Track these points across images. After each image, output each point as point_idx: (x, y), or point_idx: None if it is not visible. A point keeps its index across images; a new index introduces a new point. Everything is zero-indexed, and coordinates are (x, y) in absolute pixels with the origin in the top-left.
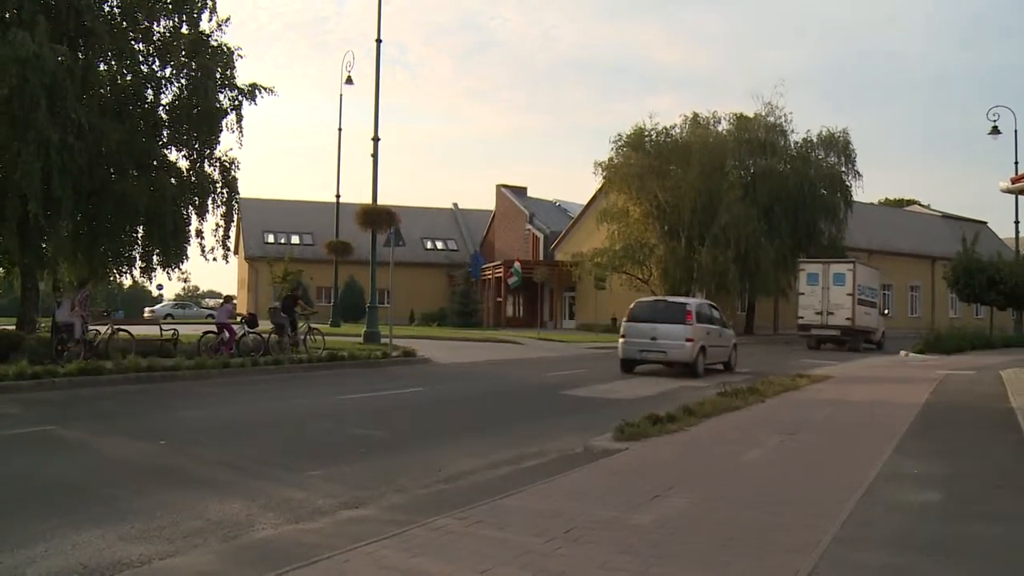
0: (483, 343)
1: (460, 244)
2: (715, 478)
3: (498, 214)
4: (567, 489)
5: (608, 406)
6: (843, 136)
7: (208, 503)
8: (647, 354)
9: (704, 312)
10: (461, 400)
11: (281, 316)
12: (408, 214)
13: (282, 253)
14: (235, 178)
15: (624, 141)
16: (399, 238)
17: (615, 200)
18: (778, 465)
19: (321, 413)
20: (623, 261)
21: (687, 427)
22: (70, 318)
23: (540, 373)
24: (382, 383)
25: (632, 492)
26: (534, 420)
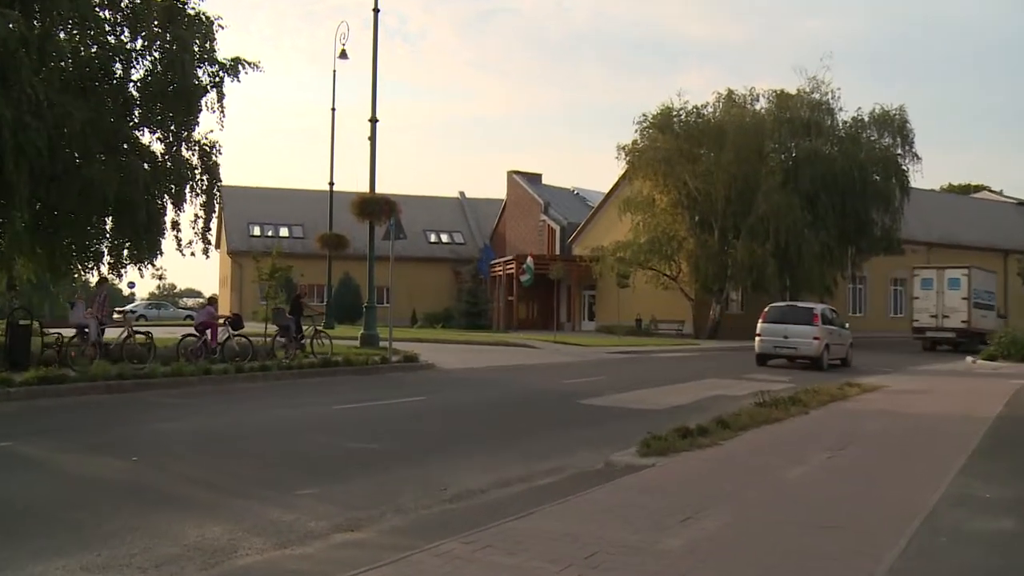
0: (493, 347)
1: (467, 237)
2: (753, 498)
3: (509, 203)
4: (586, 510)
5: (632, 417)
6: (899, 114)
7: (186, 526)
8: (780, 350)
9: (827, 315)
10: (468, 410)
11: (287, 318)
12: (409, 204)
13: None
14: (216, 163)
15: (650, 122)
16: (399, 230)
17: (640, 188)
18: (825, 485)
19: (313, 425)
20: (649, 255)
21: (721, 441)
22: (84, 319)
23: (556, 380)
24: (381, 391)
25: (659, 513)
26: (549, 432)
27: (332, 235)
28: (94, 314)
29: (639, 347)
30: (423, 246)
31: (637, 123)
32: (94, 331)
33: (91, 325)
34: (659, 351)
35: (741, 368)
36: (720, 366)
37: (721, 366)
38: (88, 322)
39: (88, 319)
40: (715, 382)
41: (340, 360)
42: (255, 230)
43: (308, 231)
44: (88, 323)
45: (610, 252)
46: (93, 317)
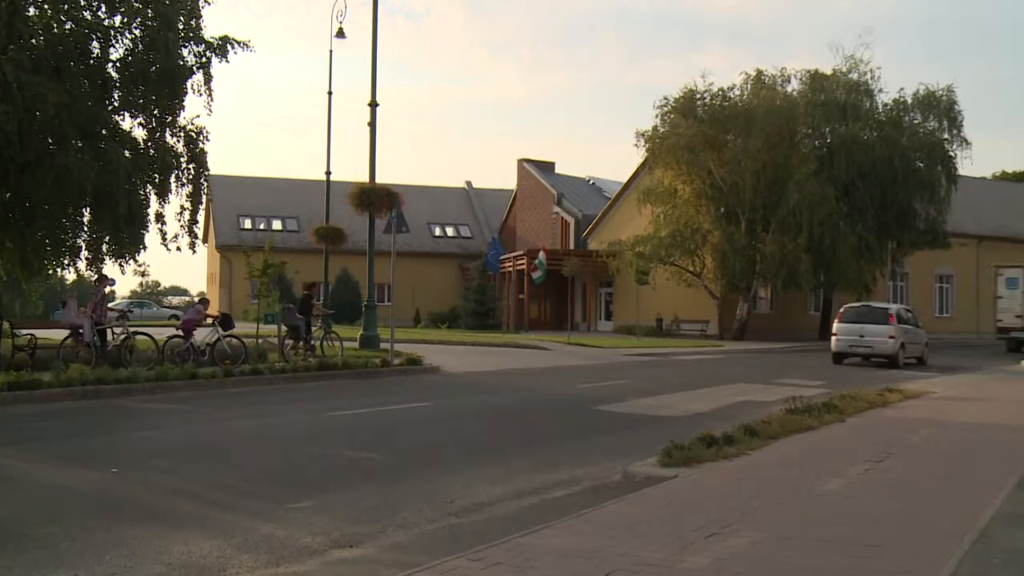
0: (502, 348)
1: (475, 230)
2: (784, 513)
3: (520, 194)
4: (604, 524)
5: (653, 424)
6: (946, 95)
7: (170, 543)
8: (856, 348)
9: (902, 315)
10: (476, 417)
11: (297, 318)
12: (412, 194)
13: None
14: (203, 151)
15: (671, 106)
16: (402, 223)
17: (661, 177)
18: (862, 499)
19: (308, 433)
20: (671, 250)
21: (749, 450)
22: (77, 320)
23: (571, 385)
24: (381, 397)
25: (683, 528)
26: (563, 441)
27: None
28: (88, 313)
29: (660, 349)
30: (427, 240)
31: (658, 107)
32: (88, 332)
33: (85, 325)
34: (681, 353)
35: (771, 372)
36: (748, 370)
37: (749, 370)
38: (82, 322)
39: (82, 319)
40: (742, 387)
41: (338, 363)
42: (246, 223)
43: (303, 224)
44: (82, 323)
45: (628, 246)
46: (87, 317)
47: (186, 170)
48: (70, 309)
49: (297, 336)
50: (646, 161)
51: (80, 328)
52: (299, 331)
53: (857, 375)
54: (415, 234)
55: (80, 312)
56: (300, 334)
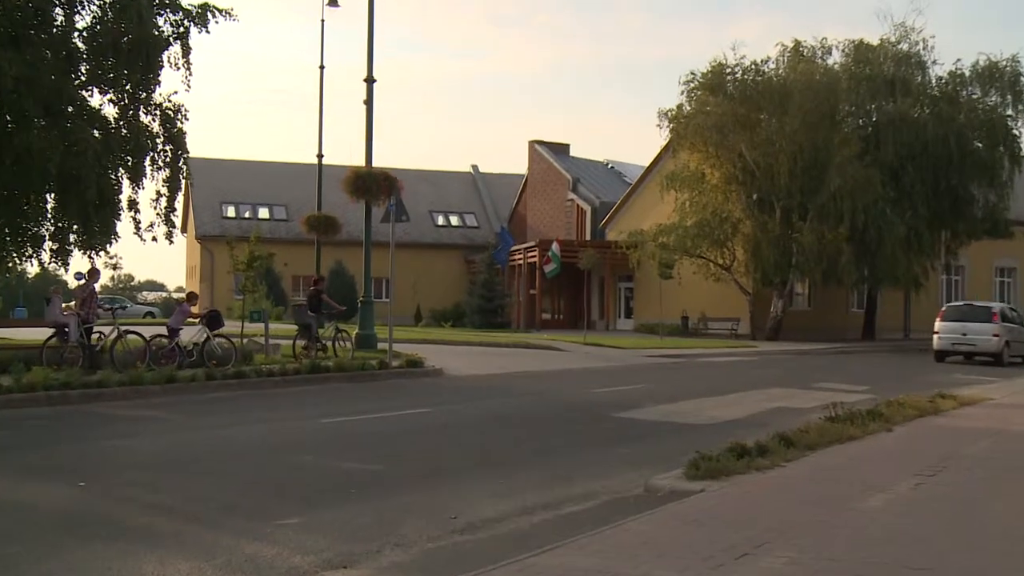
0: (512, 349)
1: (481, 219)
2: (823, 532)
3: (531, 179)
4: (622, 543)
5: (677, 433)
6: (1010, 66)
7: (144, 563)
8: (958, 347)
9: (1007, 313)
10: (482, 424)
11: (308, 315)
12: (413, 179)
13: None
14: (182, 131)
15: (699, 82)
16: (401, 211)
17: (686, 160)
18: (912, 517)
19: (297, 441)
20: (697, 241)
21: (784, 462)
22: (63, 318)
23: (586, 389)
24: (379, 402)
25: (711, 548)
26: (578, 450)
27: (321, 217)
28: (76, 311)
29: (685, 350)
30: (429, 230)
31: (684, 83)
32: (74, 331)
33: (71, 324)
34: (709, 355)
35: (808, 375)
36: (783, 373)
37: (784, 373)
38: (67, 320)
39: (68, 317)
40: (777, 392)
41: (331, 365)
42: (229, 211)
43: (292, 212)
44: (67, 321)
45: (651, 237)
46: (74, 314)
47: (162, 152)
48: (55, 306)
49: (308, 335)
50: (670, 143)
51: (66, 327)
52: (310, 329)
53: (906, 379)
54: (416, 223)
55: (65, 309)
56: (311, 332)
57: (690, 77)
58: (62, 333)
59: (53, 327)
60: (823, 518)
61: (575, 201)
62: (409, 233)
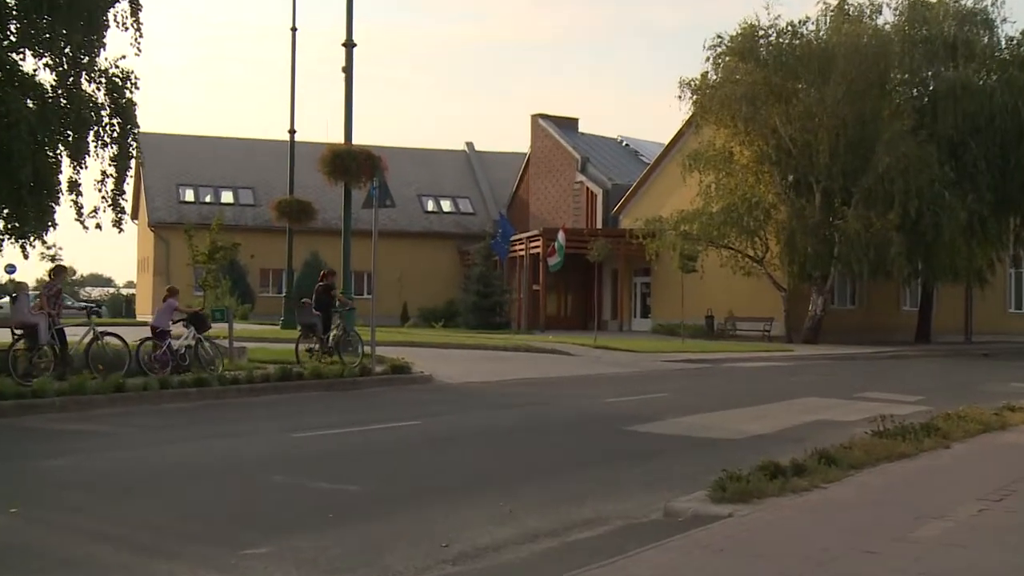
0: (511, 353)
1: (477, 204)
2: (870, 565)
3: (534, 159)
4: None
5: (700, 449)
6: None
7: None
8: None
9: None
10: (478, 438)
11: (313, 315)
12: (400, 159)
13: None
14: (131, 102)
15: (727, 46)
16: (385, 195)
17: (712, 137)
18: (975, 548)
19: (267, 458)
20: (724, 229)
21: (825, 483)
22: (32, 317)
23: (597, 399)
24: (360, 413)
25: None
26: (588, 469)
27: (293, 202)
28: (46, 310)
29: (711, 354)
30: (418, 217)
31: (709, 48)
32: (44, 332)
33: (40, 325)
34: (738, 359)
35: (852, 383)
36: (823, 380)
37: (824, 380)
38: (36, 320)
39: (37, 316)
40: (816, 402)
41: (304, 372)
42: (187, 194)
43: (260, 196)
44: (37, 321)
45: (671, 225)
46: (44, 314)
47: (109, 126)
48: (22, 304)
49: (313, 336)
50: (694, 117)
51: (35, 327)
52: (316, 329)
53: (967, 388)
54: (402, 209)
55: (33, 308)
56: (318, 333)
57: (717, 41)
58: (30, 335)
59: (20, 328)
60: (871, 548)
61: (584, 184)
62: (395, 220)
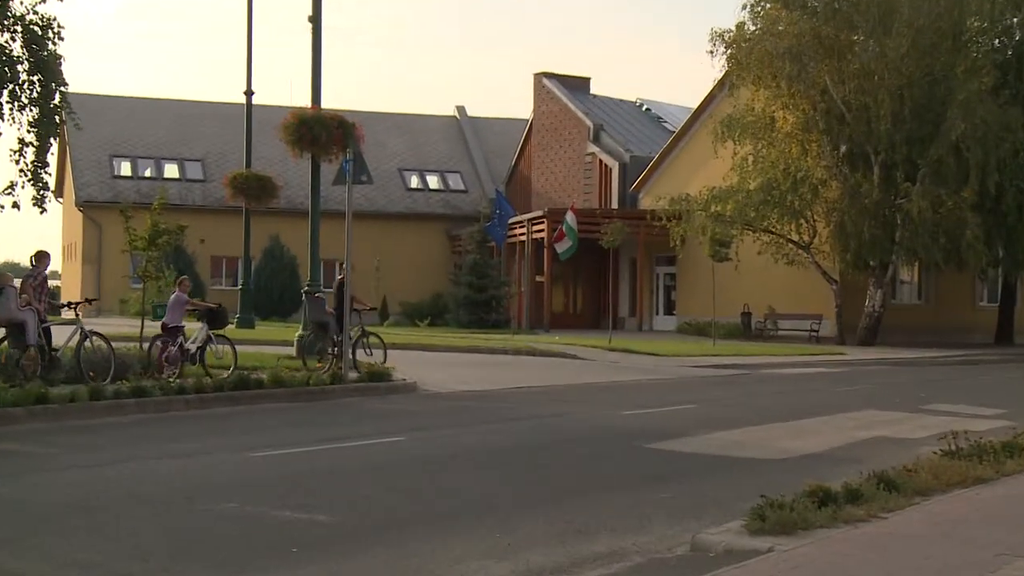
0: (511, 357)
1: (470, 180)
2: None
3: (537, 126)
4: None
5: (735, 471)
6: None
7: None
8: None
9: None
10: (471, 457)
11: (326, 313)
12: (378, 126)
13: (148, 196)
14: (55, 56)
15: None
16: (361, 170)
17: (750, 100)
18: None
19: (219, 482)
20: (764, 210)
21: (885, 512)
22: (20, 314)
23: (613, 411)
24: (331, 428)
25: None
26: (601, 494)
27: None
28: (32, 307)
29: (747, 358)
30: (399, 195)
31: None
32: (33, 331)
33: (28, 322)
34: (780, 364)
35: (917, 393)
36: (882, 389)
37: (884, 389)
38: (24, 317)
39: (25, 313)
40: (873, 416)
41: (264, 379)
42: (123, 168)
43: (212, 170)
44: (25, 318)
45: (701, 205)
46: (32, 309)
47: (28, 84)
48: (9, 299)
49: (326, 337)
50: (727, 76)
51: (22, 325)
52: (328, 329)
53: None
54: (381, 186)
55: (21, 302)
56: (330, 334)
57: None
58: (16, 334)
59: (5, 326)
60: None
61: (597, 156)
62: (372, 199)
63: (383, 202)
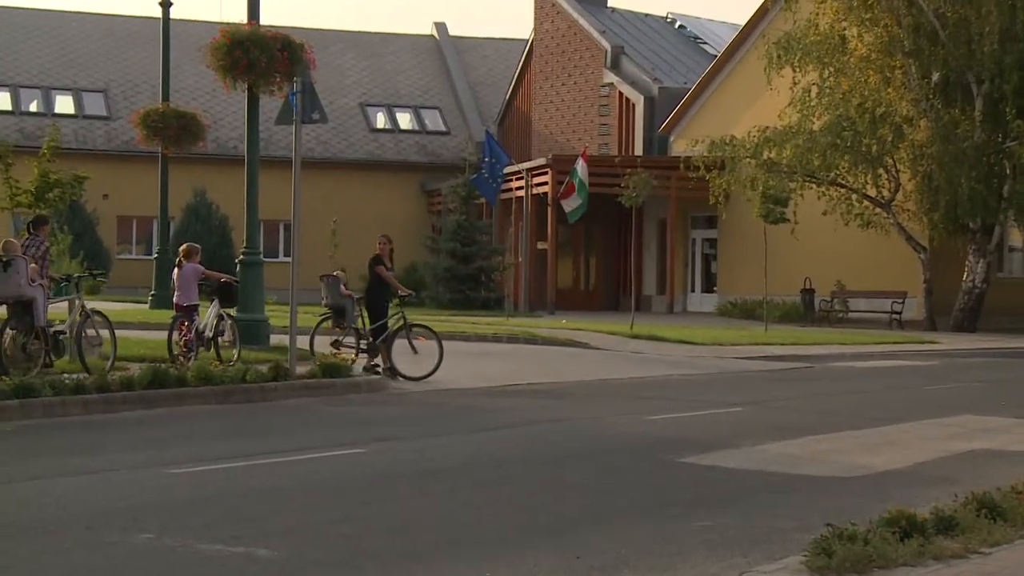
0: (506, 346)
1: (452, 118)
2: None
3: (539, 49)
4: None
5: (792, 493)
6: None
7: None
8: None
9: None
10: (453, 475)
11: (344, 294)
12: (335, 49)
13: (33, 137)
14: None
15: None
16: (313, 106)
17: (813, 15)
18: None
19: (129, 506)
20: (832, 156)
21: (988, 547)
22: (31, 290)
23: (636, 415)
24: (271, 437)
25: None
26: (620, 522)
27: (169, 114)
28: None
29: (809, 347)
30: (361, 138)
31: None
32: (42, 310)
33: (38, 299)
34: (852, 356)
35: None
36: (985, 389)
37: (988, 389)
38: (34, 294)
39: (35, 289)
40: (973, 423)
41: (187, 376)
42: (0, 99)
43: (117, 104)
44: (34, 295)
45: (750, 150)
46: (39, 286)
47: None
48: (19, 272)
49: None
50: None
51: (30, 303)
52: (346, 315)
53: None
54: (338, 125)
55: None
56: (347, 322)
57: None
58: (20, 313)
59: (17, 303)
60: None
61: (616, 87)
62: (327, 143)
63: (341, 146)
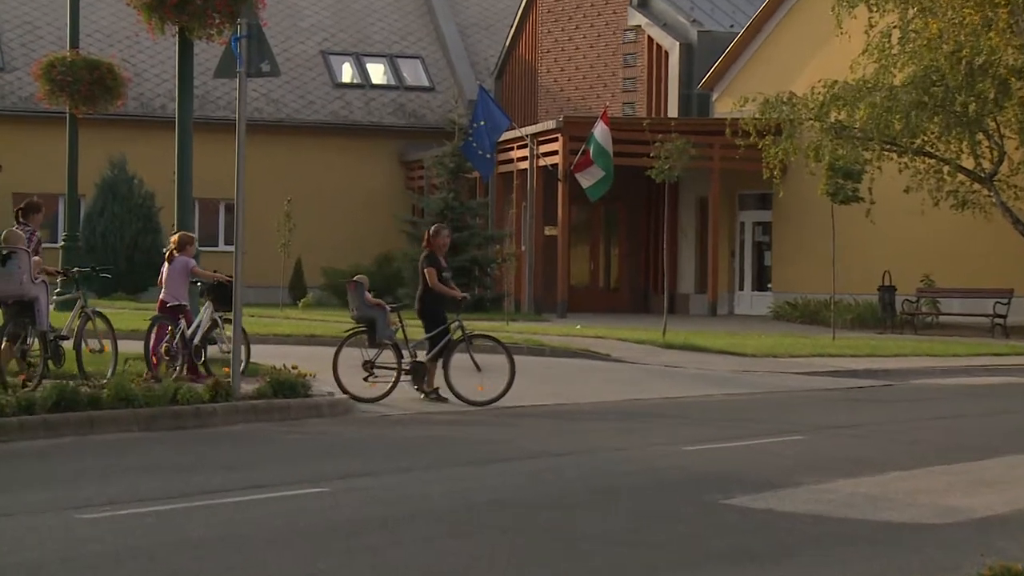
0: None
1: (437, 70)
2: None
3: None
4: None
5: (865, 542)
6: None
7: None
8: None
9: None
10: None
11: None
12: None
13: None
14: None
15: None
16: (262, 55)
17: None
18: None
19: (28, 561)
20: (919, 118)
21: None
22: (34, 289)
23: (668, 446)
24: (208, 472)
25: None
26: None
27: (80, 64)
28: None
29: (889, 360)
30: (323, 95)
31: None
32: (45, 312)
33: (41, 299)
34: (944, 371)
35: None
36: None
37: None
38: (37, 293)
39: (38, 288)
40: None
41: (105, 394)
42: None
43: (13, 53)
44: (37, 295)
45: (813, 111)
46: (42, 284)
47: None
48: (20, 268)
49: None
50: None
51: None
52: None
53: None
54: (294, 79)
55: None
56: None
57: None
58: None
59: (17, 303)
60: None
61: (644, 31)
62: (280, 102)
63: (297, 105)
